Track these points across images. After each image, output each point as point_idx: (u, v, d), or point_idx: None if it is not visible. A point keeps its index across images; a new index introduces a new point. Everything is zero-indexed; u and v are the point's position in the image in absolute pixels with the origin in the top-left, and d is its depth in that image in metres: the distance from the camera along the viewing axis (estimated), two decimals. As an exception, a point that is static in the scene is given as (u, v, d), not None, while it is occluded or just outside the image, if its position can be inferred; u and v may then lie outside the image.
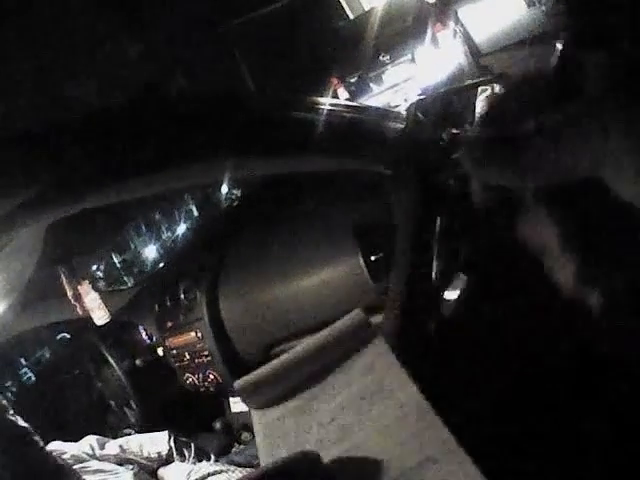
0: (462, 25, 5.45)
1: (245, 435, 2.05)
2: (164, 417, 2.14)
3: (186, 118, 0.95)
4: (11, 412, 1.39)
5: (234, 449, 2.02)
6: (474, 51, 5.41)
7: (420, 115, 1.31)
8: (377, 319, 1.23)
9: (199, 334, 1.96)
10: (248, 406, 0.50)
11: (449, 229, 1.18)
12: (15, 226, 0.81)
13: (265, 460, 0.53)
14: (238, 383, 0.52)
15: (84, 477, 1.58)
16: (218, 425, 2.14)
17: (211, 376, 2.00)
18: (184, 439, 1.93)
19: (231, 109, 1.03)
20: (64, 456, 1.68)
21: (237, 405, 2.10)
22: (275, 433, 0.48)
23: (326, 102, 1.16)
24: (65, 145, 0.80)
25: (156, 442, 1.89)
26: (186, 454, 1.86)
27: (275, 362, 0.52)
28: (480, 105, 1.73)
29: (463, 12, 5.48)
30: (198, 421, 2.21)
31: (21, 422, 1.39)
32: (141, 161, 0.88)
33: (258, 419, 0.50)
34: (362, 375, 0.49)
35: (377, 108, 1.41)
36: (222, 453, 1.97)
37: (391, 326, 1.16)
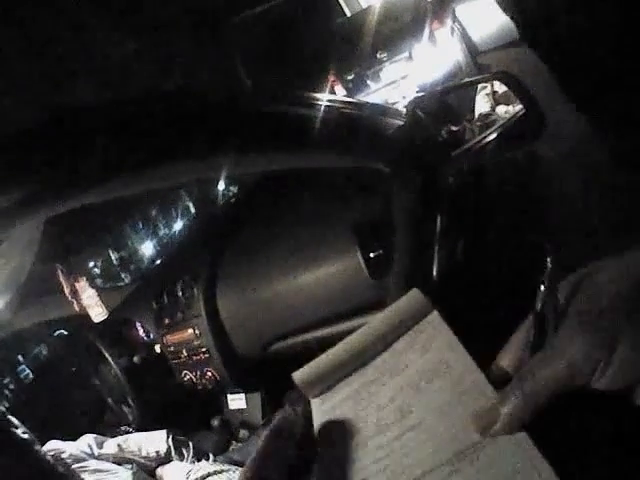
0: (459, 23, 5.43)
1: (243, 433, 2.04)
2: (161, 414, 2.14)
3: (183, 115, 0.94)
4: (13, 420, 1.37)
5: (232, 447, 2.01)
6: (471, 49, 5.40)
7: (419, 112, 1.31)
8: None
9: (197, 331, 1.96)
10: (306, 396, 0.49)
11: (449, 226, 1.17)
12: (12, 224, 0.80)
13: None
14: (297, 375, 0.51)
15: (83, 477, 1.57)
16: (216, 423, 2.13)
17: (209, 373, 1.99)
18: (182, 438, 1.93)
19: (228, 105, 1.02)
20: (62, 455, 1.68)
21: (235, 402, 2.09)
22: (334, 419, 0.47)
23: (325, 98, 1.14)
24: (61, 141, 0.79)
25: (154, 441, 1.89)
26: (185, 453, 1.85)
27: (333, 350, 0.51)
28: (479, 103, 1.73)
29: (461, 10, 5.45)
30: (195, 419, 2.20)
31: (22, 431, 1.36)
32: (139, 158, 0.88)
33: (317, 407, 0.49)
34: (420, 354, 0.48)
35: (376, 105, 1.40)
36: (220, 451, 1.96)
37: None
